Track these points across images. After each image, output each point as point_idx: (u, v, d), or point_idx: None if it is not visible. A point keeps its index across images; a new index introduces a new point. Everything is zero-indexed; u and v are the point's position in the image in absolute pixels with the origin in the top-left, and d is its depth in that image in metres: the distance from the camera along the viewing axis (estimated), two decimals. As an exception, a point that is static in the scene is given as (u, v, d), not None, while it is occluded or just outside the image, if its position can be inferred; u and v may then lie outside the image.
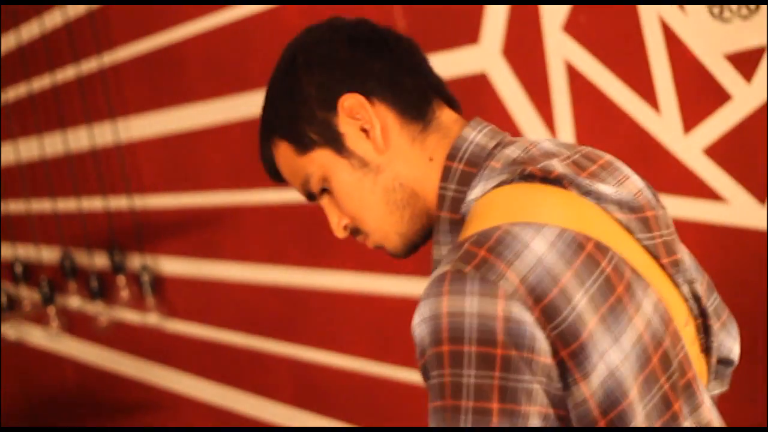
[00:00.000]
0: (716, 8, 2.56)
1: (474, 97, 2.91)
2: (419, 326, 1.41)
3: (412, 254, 1.63)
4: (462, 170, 1.55)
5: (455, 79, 2.93)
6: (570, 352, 1.39)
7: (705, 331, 1.59)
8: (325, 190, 1.62)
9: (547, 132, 2.81)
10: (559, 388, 1.39)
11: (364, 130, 1.58)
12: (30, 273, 3.93)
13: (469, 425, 1.38)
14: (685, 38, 2.61)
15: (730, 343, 1.67)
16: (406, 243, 1.61)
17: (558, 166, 1.51)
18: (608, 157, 1.61)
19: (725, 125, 2.61)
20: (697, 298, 1.58)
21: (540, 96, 2.82)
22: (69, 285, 3.82)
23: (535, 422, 1.38)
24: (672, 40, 2.63)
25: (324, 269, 3.28)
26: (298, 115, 1.59)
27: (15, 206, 3.89)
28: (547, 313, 1.38)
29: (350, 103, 1.57)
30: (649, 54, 2.66)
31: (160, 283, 3.66)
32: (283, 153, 1.62)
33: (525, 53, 2.84)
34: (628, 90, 2.70)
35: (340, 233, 1.63)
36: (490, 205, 1.49)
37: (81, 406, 4.00)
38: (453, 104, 1.64)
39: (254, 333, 3.50)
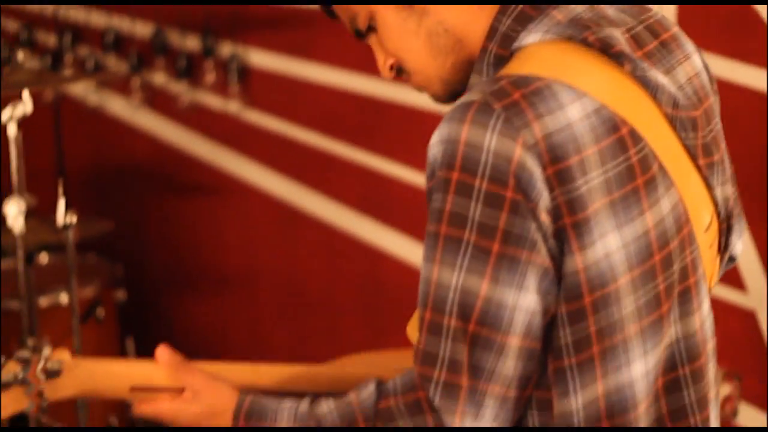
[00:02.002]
0: None
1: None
2: (435, 146, 1.39)
3: (454, 101, 1.52)
4: (522, 9, 1.48)
5: None
6: (573, 222, 1.37)
7: (727, 232, 1.59)
8: (371, 29, 1.56)
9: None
10: (555, 250, 1.37)
11: None
12: (120, 44, 4.00)
13: (467, 260, 1.36)
14: None
15: (738, 241, 1.63)
16: (448, 90, 1.56)
17: (621, 41, 1.45)
18: (674, 30, 1.55)
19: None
20: (726, 200, 1.56)
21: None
22: (156, 61, 3.89)
23: (532, 279, 1.36)
24: None
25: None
26: None
27: (116, -24, 3.96)
28: (560, 176, 1.36)
29: None
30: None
31: (246, 73, 3.71)
32: None
33: None
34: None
35: (386, 74, 1.59)
36: (541, 54, 1.44)
37: (149, 180, 4.10)
38: None
39: (330, 135, 3.55)
